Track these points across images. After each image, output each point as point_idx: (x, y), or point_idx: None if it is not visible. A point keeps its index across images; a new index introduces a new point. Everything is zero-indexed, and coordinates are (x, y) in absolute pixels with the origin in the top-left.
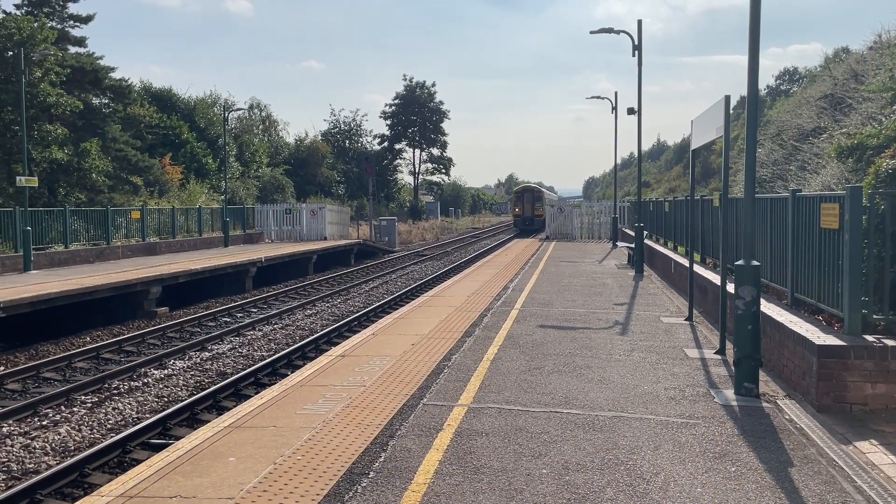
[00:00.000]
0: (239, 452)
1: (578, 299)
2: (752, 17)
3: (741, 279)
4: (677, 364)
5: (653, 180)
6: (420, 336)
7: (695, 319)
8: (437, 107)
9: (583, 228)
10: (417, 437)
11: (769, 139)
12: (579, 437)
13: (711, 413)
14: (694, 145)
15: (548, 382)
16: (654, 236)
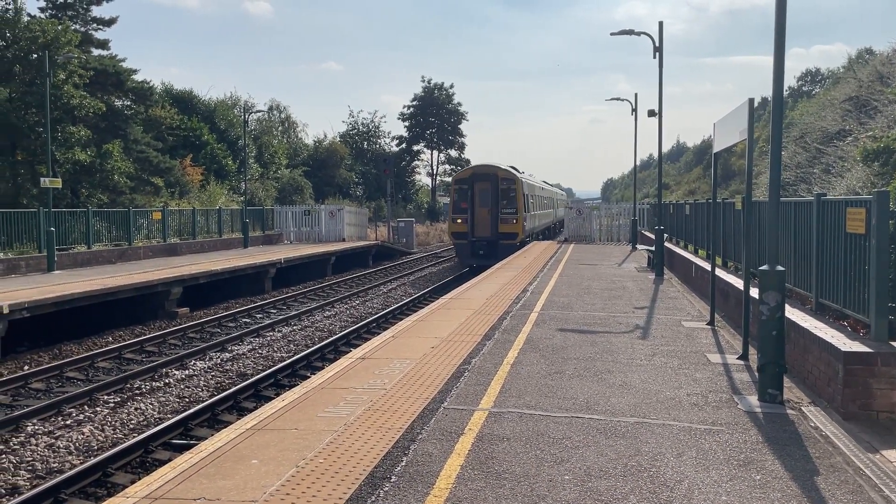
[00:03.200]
0: (261, 455)
1: (598, 303)
2: (777, 20)
3: (765, 284)
4: (700, 369)
5: (672, 182)
6: (439, 339)
7: (717, 324)
8: (455, 108)
9: (601, 231)
10: (438, 442)
11: (792, 142)
12: (601, 443)
13: (735, 420)
14: (716, 148)
15: (569, 387)
16: (675, 239)
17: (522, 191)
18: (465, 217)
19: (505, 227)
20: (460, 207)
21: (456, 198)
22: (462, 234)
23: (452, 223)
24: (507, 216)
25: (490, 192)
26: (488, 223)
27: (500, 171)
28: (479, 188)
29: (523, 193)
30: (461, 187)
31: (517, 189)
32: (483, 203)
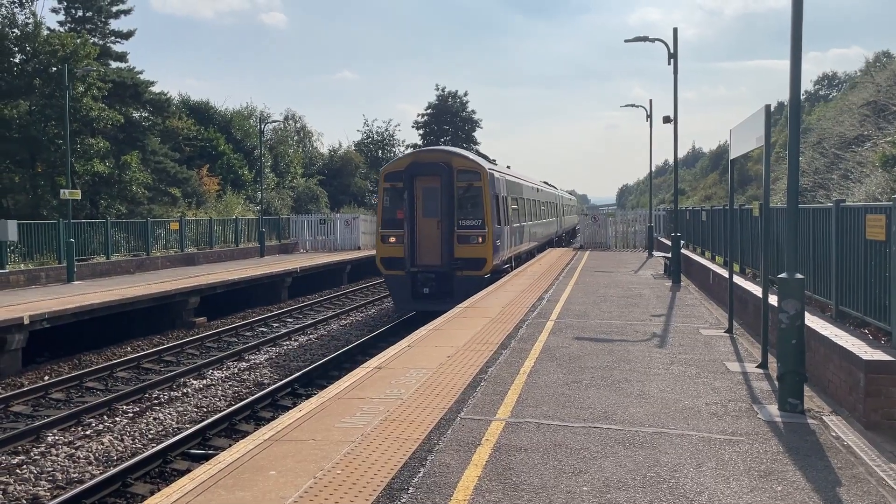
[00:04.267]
0: (279, 466)
1: (615, 310)
2: (793, 24)
3: (785, 292)
4: (718, 378)
5: (688, 188)
6: (455, 348)
7: (735, 332)
8: (469, 116)
9: (617, 237)
10: (456, 453)
11: (810, 147)
12: (620, 453)
13: (755, 429)
14: (733, 154)
15: (586, 396)
16: (691, 246)
17: (494, 190)
18: (399, 234)
19: (465, 249)
20: (392, 218)
21: (386, 202)
22: (395, 261)
23: (381, 244)
24: (469, 232)
25: (441, 192)
26: (437, 244)
27: (457, 158)
28: (422, 187)
29: (497, 195)
30: (393, 186)
31: (483, 188)
32: (429, 211)
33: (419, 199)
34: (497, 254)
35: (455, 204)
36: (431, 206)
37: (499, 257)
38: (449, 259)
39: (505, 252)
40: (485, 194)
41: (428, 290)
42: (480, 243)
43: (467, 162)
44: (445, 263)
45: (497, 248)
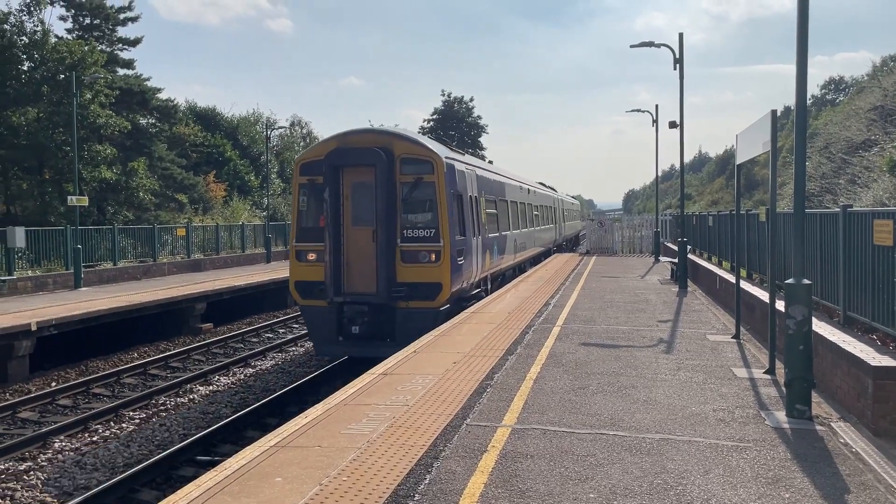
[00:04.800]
0: (285, 472)
1: (621, 316)
2: (799, 28)
3: (792, 298)
4: (725, 384)
5: (695, 192)
6: (461, 354)
7: (742, 337)
8: (475, 121)
9: (623, 243)
10: (462, 459)
11: (817, 152)
12: (626, 460)
13: (763, 436)
14: (739, 160)
15: (592, 403)
16: (698, 251)
17: (456, 188)
18: (319, 249)
19: (411, 270)
20: (312, 227)
21: (302, 204)
22: (314, 287)
23: (295, 262)
24: (418, 246)
25: (376, 190)
26: (371, 263)
27: (401, 143)
28: (351, 182)
29: (460, 195)
30: (312, 181)
31: (438, 184)
32: (361, 216)
33: (347, 200)
34: (459, 275)
35: (398, 207)
36: (364, 210)
37: (463, 280)
38: (388, 285)
39: (475, 271)
40: (440, 193)
41: (359, 328)
42: (433, 262)
43: (415, 148)
44: (383, 291)
45: (459, 267)
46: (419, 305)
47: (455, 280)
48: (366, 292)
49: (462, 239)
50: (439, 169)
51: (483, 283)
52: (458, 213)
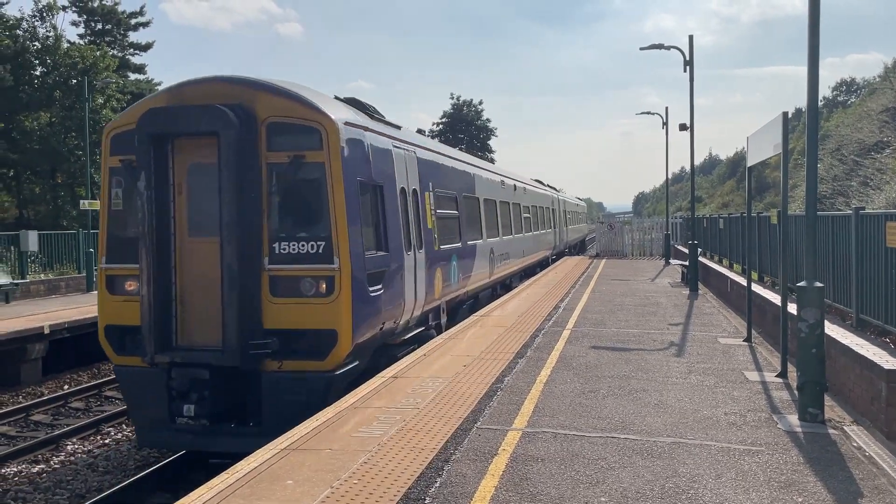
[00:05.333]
0: (296, 475)
1: (632, 319)
2: (810, 29)
3: (804, 301)
4: (737, 388)
5: (705, 195)
6: (471, 357)
7: (754, 340)
8: (483, 124)
9: (633, 245)
10: (472, 462)
11: (829, 154)
12: (637, 463)
13: (775, 440)
14: (750, 162)
15: (603, 406)
16: (709, 253)
17: (371, 174)
18: (134, 277)
19: (287, 309)
20: (129, 238)
21: (116, 201)
22: (131, 335)
23: (105, 293)
24: (297, 270)
25: (222, 175)
26: (217, 298)
27: (266, 98)
28: (187, 164)
29: (379, 185)
30: (128, 163)
31: (331, 166)
32: (201, 222)
33: (180, 194)
34: (374, 314)
35: (264, 204)
36: (205, 211)
37: (383, 320)
38: (244, 334)
39: (411, 304)
40: (333, 180)
41: (194, 408)
42: (323, 295)
43: (292, 106)
44: (234, 345)
45: (374, 300)
46: (300, 367)
47: (365, 322)
48: (208, 346)
49: (381, 256)
50: (333, 142)
51: (434, 316)
52: (374, 215)
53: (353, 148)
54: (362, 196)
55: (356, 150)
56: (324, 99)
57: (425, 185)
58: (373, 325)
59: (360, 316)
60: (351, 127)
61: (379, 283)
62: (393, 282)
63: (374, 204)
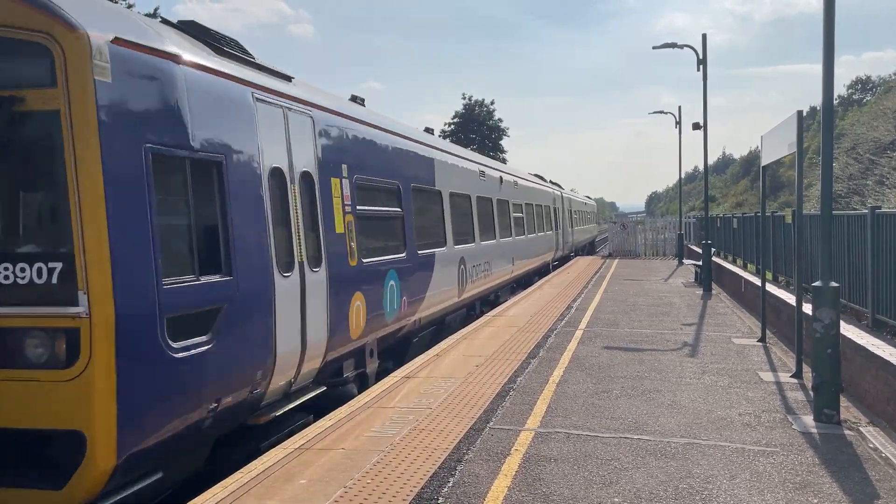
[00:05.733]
0: (310, 474)
1: (645, 319)
2: (825, 27)
3: (819, 301)
4: (751, 388)
5: (718, 194)
6: (484, 357)
7: (768, 341)
8: (495, 124)
9: (646, 245)
10: (485, 462)
11: (844, 153)
12: (651, 464)
13: (790, 440)
14: (764, 161)
15: (616, 406)
16: (722, 253)
17: (180, 136)
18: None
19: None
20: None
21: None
22: None
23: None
24: (12, 312)
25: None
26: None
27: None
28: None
29: (209, 158)
30: None
31: (71, 113)
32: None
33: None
34: (188, 394)
35: None
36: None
37: (218, 395)
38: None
39: (287, 359)
40: (78, 144)
41: None
42: (59, 365)
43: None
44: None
45: (184, 368)
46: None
47: (158, 410)
48: None
49: (211, 284)
50: (78, 70)
51: (354, 364)
52: (196, 211)
53: (137, 88)
54: (159, 176)
55: (145, 94)
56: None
57: (333, 167)
58: (182, 412)
59: (141, 401)
60: (132, 49)
61: (205, 332)
62: (244, 325)
63: (197, 191)
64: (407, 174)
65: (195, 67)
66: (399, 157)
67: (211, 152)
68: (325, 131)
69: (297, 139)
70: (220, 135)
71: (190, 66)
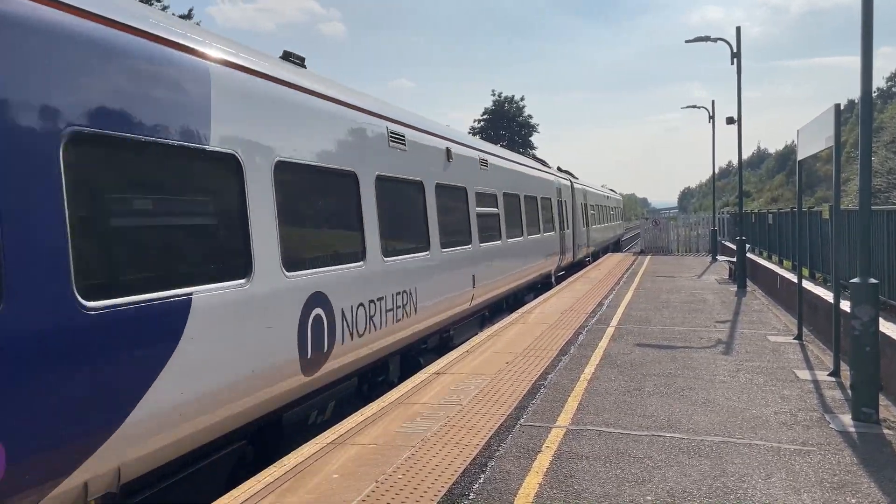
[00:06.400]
0: (342, 469)
1: (678, 316)
2: (863, 18)
3: (857, 298)
4: (787, 386)
5: (753, 190)
6: (514, 354)
7: (805, 338)
8: (525, 121)
9: (679, 242)
10: (516, 459)
11: (883, 146)
12: (684, 462)
13: (827, 440)
14: (800, 156)
15: (648, 404)
16: (757, 249)
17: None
18: None
19: None
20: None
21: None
22: None
23: None
24: None
25: None
26: None
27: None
28: None
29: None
30: None
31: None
32: None
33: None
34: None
35: None
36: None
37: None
38: None
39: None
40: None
41: None
42: None
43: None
44: None
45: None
46: None
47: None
48: None
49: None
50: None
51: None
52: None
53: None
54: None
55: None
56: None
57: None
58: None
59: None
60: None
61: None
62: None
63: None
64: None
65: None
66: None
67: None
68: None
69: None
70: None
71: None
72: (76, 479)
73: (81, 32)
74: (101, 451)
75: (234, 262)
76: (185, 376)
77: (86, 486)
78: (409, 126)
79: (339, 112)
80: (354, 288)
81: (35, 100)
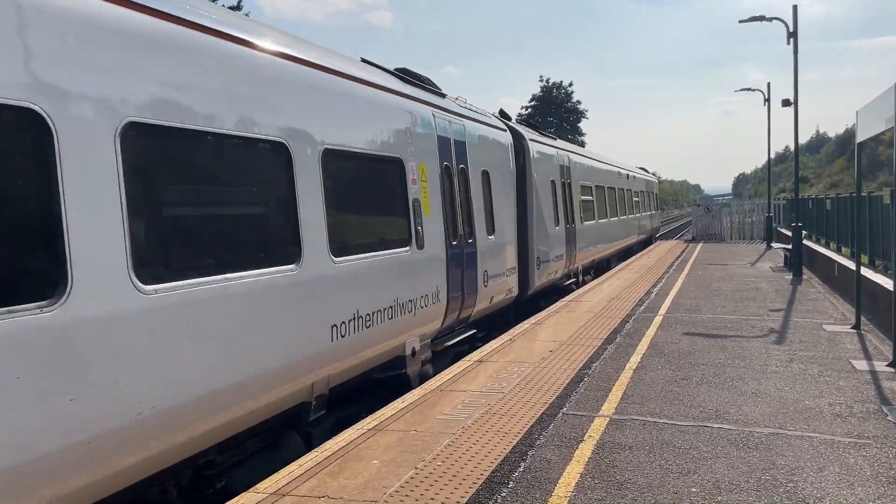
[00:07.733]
0: (382, 455)
1: (729, 305)
2: None
3: None
4: (843, 377)
5: (811, 175)
6: (558, 342)
7: (863, 328)
8: (574, 107)
9: (732, 229)
10: (557, 448)
11: None
12: (732, 454)
13: (885, 433)
14: (860, 137)
15: (696, 394)
16: (814, 236)
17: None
18: None
19: None
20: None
21: None
22: None
23: None
24: None
25: None
26: None
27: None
28: None
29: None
30: None
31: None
32: None
33: None
34: None
35: None
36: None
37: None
38: None
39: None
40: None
41: None
42: None
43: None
44: None
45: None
46: None
47: None
48: None
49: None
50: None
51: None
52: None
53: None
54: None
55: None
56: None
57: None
58: None
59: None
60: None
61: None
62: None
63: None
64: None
65: None
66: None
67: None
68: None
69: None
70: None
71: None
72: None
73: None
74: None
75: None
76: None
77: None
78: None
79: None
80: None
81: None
